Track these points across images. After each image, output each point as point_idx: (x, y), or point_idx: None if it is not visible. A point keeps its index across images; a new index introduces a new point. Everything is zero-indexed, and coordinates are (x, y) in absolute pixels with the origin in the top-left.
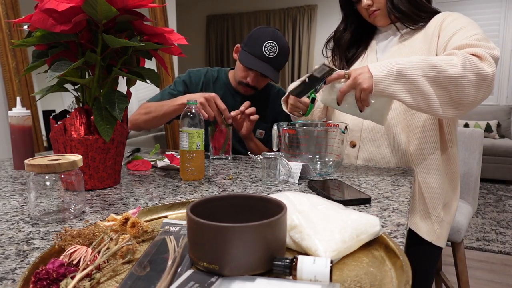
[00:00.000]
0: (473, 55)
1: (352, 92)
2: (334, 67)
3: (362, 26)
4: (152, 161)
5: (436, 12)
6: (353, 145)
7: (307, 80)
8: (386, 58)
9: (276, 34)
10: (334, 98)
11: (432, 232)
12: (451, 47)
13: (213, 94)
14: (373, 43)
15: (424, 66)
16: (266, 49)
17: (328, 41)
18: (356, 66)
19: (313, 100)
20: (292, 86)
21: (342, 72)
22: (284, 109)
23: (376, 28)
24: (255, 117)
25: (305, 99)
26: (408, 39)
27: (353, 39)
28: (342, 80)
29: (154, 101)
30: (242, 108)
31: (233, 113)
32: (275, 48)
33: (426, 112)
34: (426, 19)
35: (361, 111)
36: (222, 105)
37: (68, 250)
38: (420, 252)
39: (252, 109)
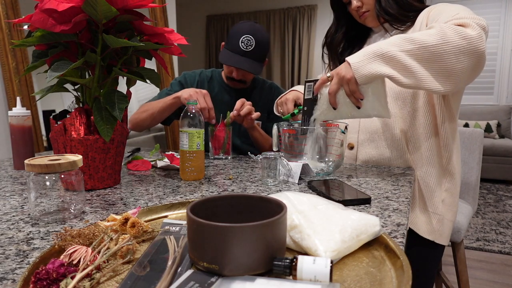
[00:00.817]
0: (456, 25)
1: (342, 93)
2: (316, 78)
3: (355, 28)
4: (152, 161)
5: (424, 8)
6: (351, 147)
7: (305, 108)
8: None
9: (253, 27)
10: (329, 107)
11: (432, 230)
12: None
13: (204, 91)
14: (367, 44)
15: (400, 42)
16: (243, 43)
17: (324, 46)
18: None
19: (293, 115)
20: (297, 87)
21: (324, 76)
22: (275, 107)
23: (370, 29)
24: (255, 115)
25: (291, 106)
26: None
27: (346, 40)
28: (328, 83)
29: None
30: (235, 112)
31: (231, 117)
32: (252, 41)
33: (420, 89)
34: (414, 18)
35: (359, 108)
36: (210, 104)
37: (68, 250)
38: (421, 252)
39: (247, 109)
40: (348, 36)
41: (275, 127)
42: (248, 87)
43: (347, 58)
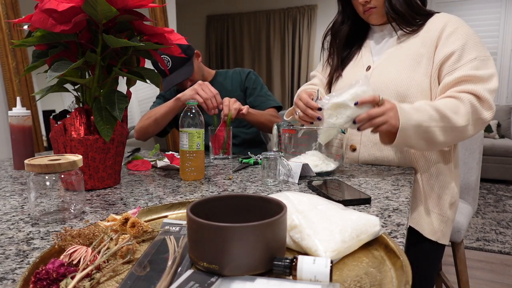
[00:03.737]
0: (472, 94)
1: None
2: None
3: (358, 23)
4: (152, 161)
5: (431, 14)
6: (354, 149)
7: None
8: (382, 60)
9: None
10: (335, 121)
11: (436, 231)
12: (447, 72)
13: (201, 82)
14: (367, 44)
15: (438, 118)
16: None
17: (326, 35)
18: (350, 67)
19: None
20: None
21: (377, 97)
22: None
23: (369, 29)
24: (245, 110)
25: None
26: (405, 41)
27: (349, 35)
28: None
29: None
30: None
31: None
32: (166, 57)
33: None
34: (420, 22)
35: (354, 122)
36: (214, 90)
37: (68, 250)
38: (421, 252)
39: (234, 111)
40: (352, 30)
41: (275, 127)
42: (216, 81)
43: (398, 109)
